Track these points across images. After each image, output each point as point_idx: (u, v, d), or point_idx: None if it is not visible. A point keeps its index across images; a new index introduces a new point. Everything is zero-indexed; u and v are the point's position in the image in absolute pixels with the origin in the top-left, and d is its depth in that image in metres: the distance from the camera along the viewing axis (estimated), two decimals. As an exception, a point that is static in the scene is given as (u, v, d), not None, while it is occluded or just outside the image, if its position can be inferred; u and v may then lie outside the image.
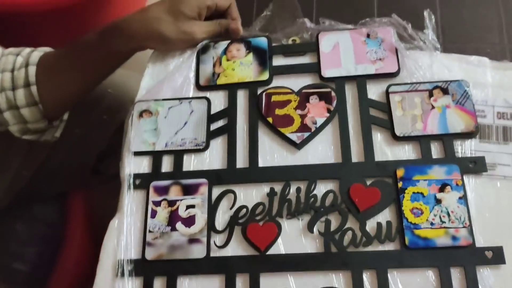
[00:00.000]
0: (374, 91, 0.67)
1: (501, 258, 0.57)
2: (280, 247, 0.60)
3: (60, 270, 0.89)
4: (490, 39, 0.73)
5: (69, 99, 0.71)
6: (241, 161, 0.65)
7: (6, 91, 0.65)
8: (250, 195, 0.63)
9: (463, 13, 0.75)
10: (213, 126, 0.67)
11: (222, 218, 0.62)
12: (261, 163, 0.65)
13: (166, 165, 0.66)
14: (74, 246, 0.92)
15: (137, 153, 0.66)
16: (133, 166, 0.66)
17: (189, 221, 0.62)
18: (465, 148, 0.63)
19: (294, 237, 0.61)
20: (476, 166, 0.61)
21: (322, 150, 0.65)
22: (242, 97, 0.69)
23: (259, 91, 0.68)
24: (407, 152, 0.63)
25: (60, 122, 0.73)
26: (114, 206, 0.66)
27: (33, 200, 0.92)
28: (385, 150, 0.64)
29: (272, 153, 0.65)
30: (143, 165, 0.66)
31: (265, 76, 0.69)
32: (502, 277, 0.56)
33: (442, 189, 0.60)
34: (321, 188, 0.63)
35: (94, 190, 0.96)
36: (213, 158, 0.66)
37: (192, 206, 0.63)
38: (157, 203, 0.63)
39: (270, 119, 0.66)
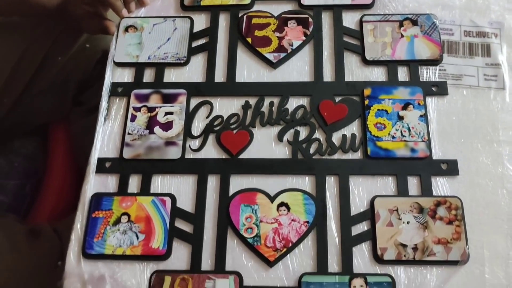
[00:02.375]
0: (349, 20, 0.71)
1: (455, 170, 0.61)
2: (251, 153, 0.64)
3: (42, 201, 0.90)
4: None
5: None
6: (220, 76, 0.69)
7: None
8: (226, 107, 0.67)
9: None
10: (195, 44, 0.71)
11: (198, 125, 0.66)
12: (238, 79, 0.68)
13: (148, 76, 0.69)
14: (55, 177, 0.93)
15: (120, 64, 0.70)
16: (116, 75, 0.69)
17: (167, 126, 0.65)
18: (429, 74, 0.67)
19: (264, 145, 0.64)
20: (438, 89, 0.66)
21: (296, 70, 0.69)
22: (224, 19, 0.72)
23: (240, 14, 0.72)
24: (376, 74, 0.68)
25: None
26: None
27: (14, 134, 0.93)
28: (355, 72, 0.68)
29: (249, 70, 0.69)
30: (126, 76, 0.69)
31: (247, 0, 0.72)
32: (456, 185, 0.61)
33: (405, 108, 0.64)
34: (293, 103, 0.66)
35: (75, 122, 0.97)
36: (192, 72, 0.69)
37: (171, 113, 0.66)
38: (137, 109, 0.66)
39: (249, 40, 0.70)
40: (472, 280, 0.56)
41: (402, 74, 0.67)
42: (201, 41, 0.71)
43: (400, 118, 0.64)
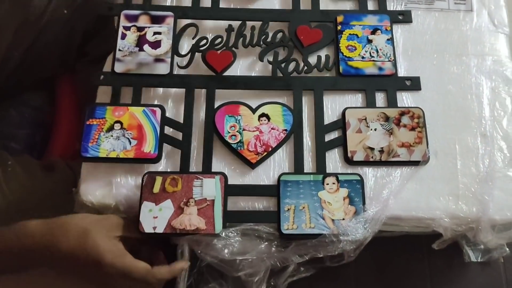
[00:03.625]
0: (324, -45, 0.77)
1: (418, 85, 0.69)
2: (234, 71, 0.70)
3: (51, 149, 0.92)
4: None
5: None
6: (204, 2, 0.74)
7: None
8: (211, 30, 0.72)
9: None
10: (181, -28, 0.75)
11: (185, 45, 0.71)
12: (222, 5, 0.73)
13: (136, 0, 0.74)
14: (64, 127, 0.94)
15: (110, -12, 0.74)
16: (106, -1, 0.73)
17: (156, 45, 0.70)
18: (396, 4, 0.74)
19: (247, 64, 0.70)
20: (404, 17, 0.73)
21: (276, 1, 0.74)
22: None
23: None
24: (348, 5, 0.74)
25: None
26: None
27: (24, 87, 0.94)
28: (330, 3, 0.74)
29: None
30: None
31: None
32: (419, 98, 0.68)
33: (373, 32, 0.71)
34: (272, 29, 0.72)
35: (81, 73, 0.98)
36: (179, -1, 0.74)
37: (159, 33, 0.71)
38: (127, 28, 0.71)
39: (232, -30, 0.75)
40: (446, 171, 0.64)
41: (372, 5, 0.74)
42: (186, -30, 0.76)
43: (369, 41, 0.71)
